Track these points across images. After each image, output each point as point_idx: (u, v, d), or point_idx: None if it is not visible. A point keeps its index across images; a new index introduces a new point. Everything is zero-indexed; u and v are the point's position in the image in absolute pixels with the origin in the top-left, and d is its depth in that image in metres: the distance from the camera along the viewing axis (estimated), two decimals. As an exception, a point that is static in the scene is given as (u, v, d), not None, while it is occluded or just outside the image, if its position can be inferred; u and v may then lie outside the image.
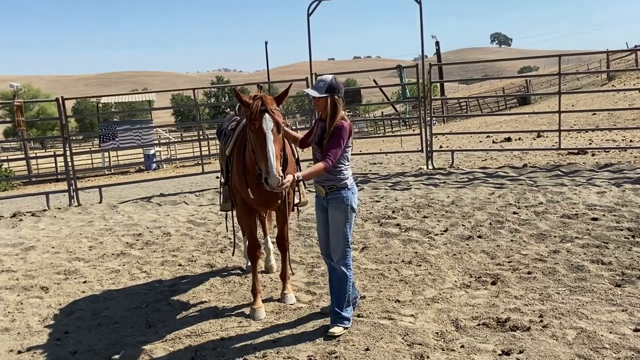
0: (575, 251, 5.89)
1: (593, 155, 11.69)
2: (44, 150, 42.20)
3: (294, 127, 5.33)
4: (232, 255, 6.13)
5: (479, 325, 4.31)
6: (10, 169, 24.47)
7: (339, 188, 4.37)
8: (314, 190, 4.62)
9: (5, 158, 27.70)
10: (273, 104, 4.27)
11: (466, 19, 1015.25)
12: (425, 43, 12.35)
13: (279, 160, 4.11)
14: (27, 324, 5.08)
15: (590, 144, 13.45)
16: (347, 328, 4.42)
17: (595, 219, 6.95)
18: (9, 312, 5.41)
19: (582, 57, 68.07)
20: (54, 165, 24.63)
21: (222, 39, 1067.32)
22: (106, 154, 29.24)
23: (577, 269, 5.38)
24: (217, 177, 11.97)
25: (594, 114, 18.51)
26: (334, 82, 4.31)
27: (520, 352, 3.81)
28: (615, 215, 7.05)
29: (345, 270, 4.44)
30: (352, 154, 4.62)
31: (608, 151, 11.86)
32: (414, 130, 28.21)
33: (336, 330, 4.37)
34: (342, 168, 4.37)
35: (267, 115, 4.16)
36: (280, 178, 3.99)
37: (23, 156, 25.57)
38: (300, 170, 5.04)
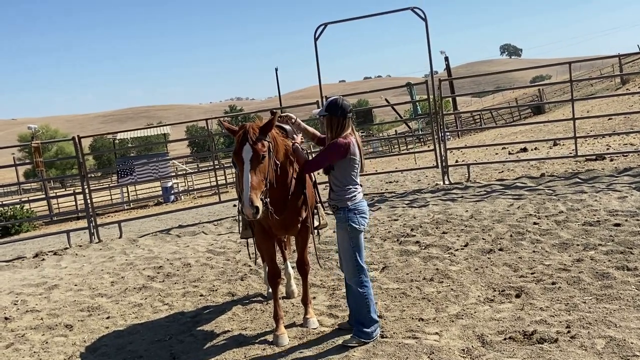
0: (599, 258, 5.79)
1: (611, 160, 11.55)
2: (63, 189, 42.87)
3: (308, 152, 5.37)
4: (254, 262, 6.07)
5: (505, 339, 4.23)
6: (32, 209, 24.84)
7: (340, 208, 4.49)
8: (331, 212, 4.71)
9: (27, 199, 28.20)
10: (257, 134, 4.32)
11: (474, 30, 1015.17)
12: (435, 59, 12.48)
13: (257, 190, 4.18)
14: (53, 363, 5.07)
15: (607, 149, 13.27)
16: (365, 343, 4.46)
17: (617, 225, 6.84)
18: (34, 352, 5.43)
19: (594, 63, 67.48)
20: (74, 203, 24.98)
21: (233, 68, 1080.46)
22: (125, 189, 29.59)
23: (603, 277, 5.29)
24: (235, 206, 12.05)
25: (609, 118, 18.30)
26: (334, 102, 4.50)
27: None
28: (638, 220, 6.92)
29: (359, 289, 4.51)
30: (368, 174, 4.71)
31: (626, 155, 11.71)
32: (428, 147, 28.12)
33: (351, 341, 4.47)
34: (348, 188, 4.48)
35: (246, 145, 4.26)
36: (255, 208, 4.08)
37: (43, 196, 25.98)
38: (318, 194, 5.19)
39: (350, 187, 4.51)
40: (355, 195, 4.52)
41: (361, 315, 4.52)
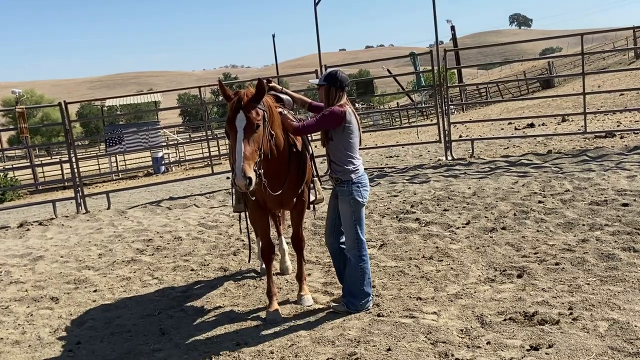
0: (605, 239, 5.73)
1: (621, 137, 11.44)
2: (49, 157, 42.32)
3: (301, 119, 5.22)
4: (249, 261, 6.01)
5: (505, 320, 4.20)
6: (16, 177, 24.49)
7: (343, 181, 4.60)
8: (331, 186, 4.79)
9: (11, 166, 27.78)
10: (251, 101, 4.20)
11: (483, 0, 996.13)
12: (441, 28, 12.23)
13: (250, 160, 4.07)
14: (38, 336, 5.02)
15: (618, 126, 13.16)
16: (350, 312, 4.62)
17: (625, 205, 6.77)
18: (19, 324, 5.35)
19: (607, 35, 66.53)
20: (60, 172, 24.64)
21: (228, 34, 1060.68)
22: (113, 158, 29.26)
23: (608, 258, 5.22)
24: (228, 178, 11.90)
25: (621, 94, 18.06)
26: (332, 73, 4.63)
27: (550, 346, 3.70)
28: (647, 200, 6.88)
29: (356, 261, 4.62)
30: (367, 148, 4.70)
31: (638, 133, 11.58)
32: (431, 120, 27.87)
33: (338, 307, 4.70)
34: (349, 160, 4.59)
35: (240, 113, 4.15)
36: (248, 179, 3.99)
37: (28, 164, 25.58)
38: (315, 168, 5.20)
39: (353, 160, 4.61)
40: (358, 169, 4.64)
41: (353, 287, 4.64)
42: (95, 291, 6.10)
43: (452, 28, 44.78)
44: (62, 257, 7.64)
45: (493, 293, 4.76)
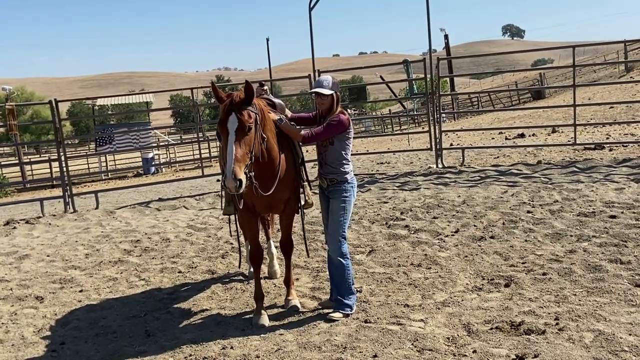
0: (592, 250, 5.75)
1: (610, 150, 11.48)
2: (38, 156, 41.92)
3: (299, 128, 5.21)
4: (239, 266, 5.97)
5: (491, 329, 4.20)
6: (4, 175, 24.23)
7: (340, 181, 4.74)
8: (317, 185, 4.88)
9: (-1, 164, 27.47)
10: (244, 103, 4.21)
11: (476, 10, 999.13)
12: (434, 37, 12.24)
13: (241, 162, 4.08)
14: (21, 335, 4.97)
15: (607, 138, 13.18)
16: (348, 315, 4.66)
17: (613, 217, 6.80)
18: (2, 323, 5.29)
19: (598, 48, 66.17)
20: (48, 170, 24.42)
21: (222, 36, 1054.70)
22: (103, 158, 29.02)
23: (595, 269, 5.25)
24: (218, 180, 11.83)
25: (611, 107, 18.09)
26: (335, 81, 4.83)
27: (535, 356, 3.71)
28: (634, 213, 6.89)
29: (342, 260, 4.70)
30: (358, 154, 4.80)
31: (626, 146, 11.62)
32: (422, 128, 27.89)
33: (336, 315, 4.67)
34: (345, 162, 4.75)
35: (232, 115, 4.15)
36: (238, 181, 4.00)
37: (17, 162, 25.33)
38: (306, 173, 5.20)
39: (349, 161, 4.80)
40: (352, 170, 4.85)
41: (343, 288, 4.69)
42: (81, 291, 6.04)
43: (446, 37, 44.88)
44: (48, 256, 7.56)
45: (480, 302, 4.75)
